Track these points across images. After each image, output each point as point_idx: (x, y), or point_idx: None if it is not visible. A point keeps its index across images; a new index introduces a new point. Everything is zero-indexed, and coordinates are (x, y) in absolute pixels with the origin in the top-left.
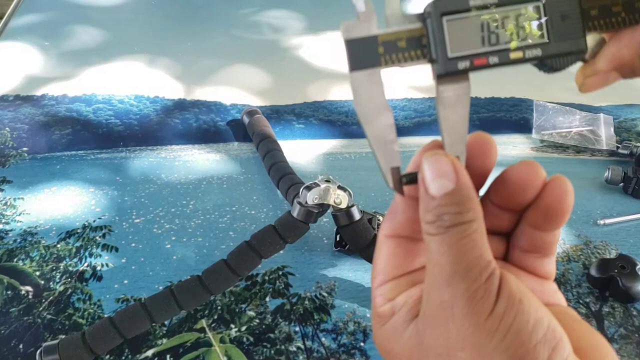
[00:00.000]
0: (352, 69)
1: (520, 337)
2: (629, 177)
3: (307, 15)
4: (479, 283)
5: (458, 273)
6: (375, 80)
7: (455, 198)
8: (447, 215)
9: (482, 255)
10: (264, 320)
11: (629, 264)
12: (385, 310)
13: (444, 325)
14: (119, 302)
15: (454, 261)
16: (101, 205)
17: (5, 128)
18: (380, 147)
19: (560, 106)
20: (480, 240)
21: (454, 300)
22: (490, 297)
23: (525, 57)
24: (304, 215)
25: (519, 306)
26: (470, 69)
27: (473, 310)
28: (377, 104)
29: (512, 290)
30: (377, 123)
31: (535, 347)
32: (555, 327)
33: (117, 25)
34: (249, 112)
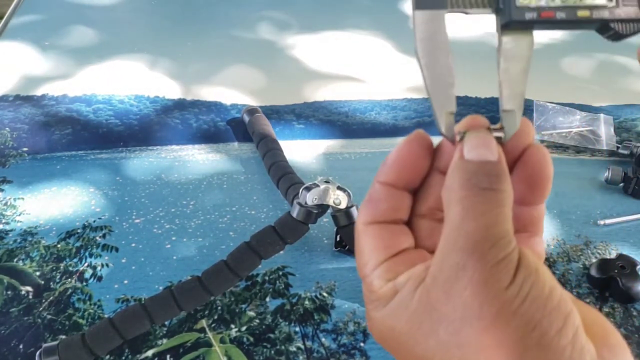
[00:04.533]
0: (417, 7)
1: (536, 304)
2: (629, 177)
3: (308, 16)
4: (505, 253)
5: (488, 241)
6: (439, 23)
7: (495, 168)
8: (485, 176)
9: (509, 230)
10: (264, 320)
11: (629, 264)
12: (386, 290)
13: (459, 291)
14: (119, 302)
15: (486, 228)
16: (101, 205)
17: (5, 128)
18: (436, 90)
19: (560, 106)
20: (510, 215)
21: (477, 267)
22: (512, 267)
23: (593, 17)
24: (303, 215)
25: (536, 275)
26: (537, 22)
27: (495, 277)
28: (438, 45)
29: (530, 260)
30: (437, 65)
31: (550, 313)
32: (567, 299)
33: (117, 25)
34: (249, 111)
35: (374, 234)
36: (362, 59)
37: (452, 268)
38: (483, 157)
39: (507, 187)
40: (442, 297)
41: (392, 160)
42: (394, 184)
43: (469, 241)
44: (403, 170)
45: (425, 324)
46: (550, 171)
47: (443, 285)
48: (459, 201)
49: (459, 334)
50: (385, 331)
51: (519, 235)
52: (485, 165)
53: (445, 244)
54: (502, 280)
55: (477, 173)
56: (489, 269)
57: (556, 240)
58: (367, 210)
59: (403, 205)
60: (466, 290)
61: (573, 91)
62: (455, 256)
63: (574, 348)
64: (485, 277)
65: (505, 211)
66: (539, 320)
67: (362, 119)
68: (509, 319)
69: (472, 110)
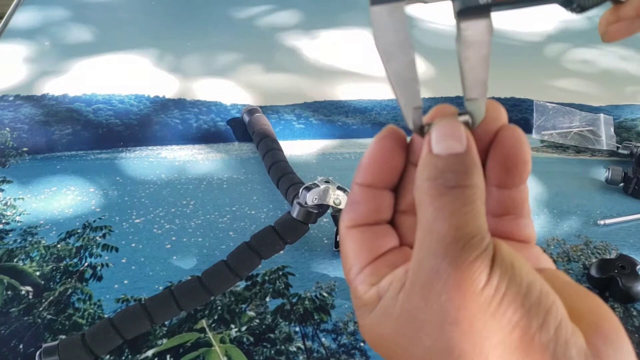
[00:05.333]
0: (373, 3)
1: (514, 304)
2: (629, 177)
3: (308, 15)
4: (477, 253)
5: (458, 242)
6: (398, 16)
7: (463, 160)
8: (452, 174)
9: (482, 226)
10: (264, 320)
11: (629, 264)
12: (371, 295)
13: (435, 296)
14: (119, 302)
15: (456, 229)
16: (101, 205)
17: (5, 128)
18: (400, 86)
19: (560, 106)
20: (482, 209)
21: (450, 270)
22: (486, 267)
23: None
24: (303, 215)
25: (512, 272)
26: (493, 4)
27: (470, 280)
28: (398, 40)
29: (504, 256)
30: (398, 60)
31: (529, 311)
32: (548, 291)
33: (117, 25)
34: (249, 111)
35: (356, 238)
36: (362, 58)
37: (428, 274)
38: (450, 150)
39: (477, 180)
40: (421, 303)
41: (366, 160)
42: (372, 185)
43: (440, 244)
44: (378, 170)
45: (409, 331)
46: (526, 152)
47: (421, 291)
48: (429, 202)
49: (440, 341)
50: (374, 338)
51: (503, 218)
52: (452, 159)
53: (419, 248)
54: (477, 282)
55: (444, 171)
56: (463, 271)
57: (556, 240)
58: (348, 213)
59: (384, 205)
60: (442, 296)
61: (573, 91)
62: (429, 261)
63: (558, 343)
64: (459, 281)
65: (476, 207)
66: (518, 320)
67: (362, 119)
68: (487, 322)
69: None
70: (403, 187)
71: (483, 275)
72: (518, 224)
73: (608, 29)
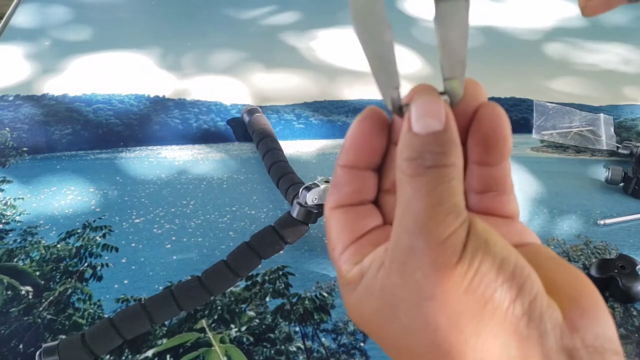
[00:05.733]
0: None
1: (487, 278)
2: (629, 177)
3: (308, 15)
4: (451, 230)
5: (433, 220)
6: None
7: (441, 139)
8: (430, 154)
9: (458, 204)
10: (264, 320)
11: (629, 264)
12: (354, 274)
13: (412, 274)
14: (119, 302)
15: (431, 207)
16: (101, 205)
17: (5, 128)
18: (378, 67)
19: (560, 106)
20: (458, 188)
21: (425, 248)
22: (459, 243)
23: None
24: (303, 215)
25: (485, 247)
26: None
27: (443, 257)
28: (375, 19)
29: (479, 232)
30: (376, 40)
31: (502, 285)
32: (523, 265)
33: (117, 25)
34: (249, 111)
35: (339, 218)
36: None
37: (404, 252)
38: (429, 128)
39: (454, 159)
40: (398, 281)
41: (347, 141)
42: (354, 165)
43: (415, 223)
44: (360, 150)
45: (387, 309)
46: (506, 130)
47: (398, 269)
48: (407, 182)
49: (416, 317)
50: (357, 316)
51: (485, 195)
52: (431, 138)
53: (396, 227)
54: (450, 259)
55: (422, 151)
56: (436, 248)
57: (556, 240)
58: (331, 195)
59: (367, 186)
60: (417, 273)
61: (573, 91)
62: (406, 239)
63: (531, 317)
64: (433, 258)
65: (452, 186)
66: (490, 295)
67: None
68: (460, 297)
69: None
70: (386, 167)
71: (456, 252)
72: (501, 200)
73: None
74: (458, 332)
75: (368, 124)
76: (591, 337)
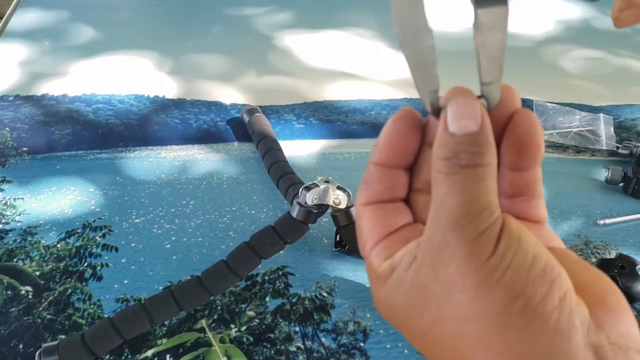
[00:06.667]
0: None
1: (519, 273)
2: (629, 177)
3: (308, 15)
4: (485, 225)
5: (467, 216)
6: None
7: (477, 139)
8: (465, 154)
9: (492, 201)
10: (264, 320)
11: (629, 264)
12: (385, 268)
13: (444, 267)
14: (118, 302)
15: (465, 204)
16: (101, 205)
17: (5, 128)
18: (419, 70)
19: (560, 106)
20: (492, 186)
21: (458, 243)
22: (492, 238)
23: None
24: (303, 215)
25: (518, 244)
26: None
27: (476, 251)
28: (417, 24)
29: (512, 230)
30: (417, 44)
31: (533, 282)
32: (554, 264)
33: (117, 25)
34: (249, 111)
35: (371, 215)
36: (362, 59)
37: (437, 246)
38: (465, 129)
39: (489, 159)
40: (430, 274)
41: (381, 139)
42: (387, 164)
43: (449, 219)
44: (393, 149)
45: (418, 301)
46: (539, 136)
47: (431, 264)
48: (442, 180)
49: (447, 309)
50: (387, 309)
51: (516, 199)
52: (466, 138)
53: (430, 223)
54: (483, 253)
55: (457, 151)
56: (470, 242)
57: None
58: (363, 192)
59: (398, 184)
60: (450, 267)
61: (573, 91)
62: (439, 235)
63: (561, 312)
64: (466, 252)
65: (486, 185)
66: (521, 289)
67: (362, 119)
68: (491, 290)
69: None
70: (418, 167)
71: (489, 247)
72: (530, 204)
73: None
74: (489, 325)
75: (402, 124)
76: (615, 335)
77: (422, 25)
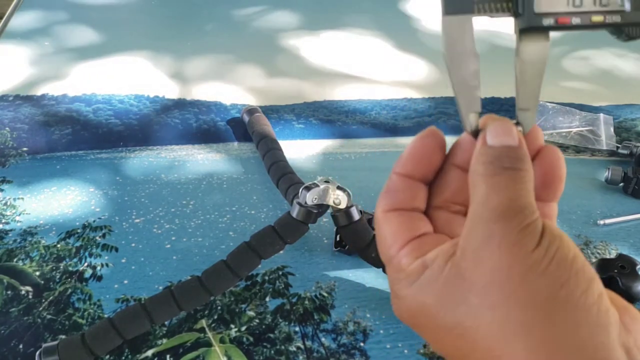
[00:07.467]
0: (445, 13)
1: (562, 265)
2: (629, 177)
3: (308, 15)
4: (529, 220)
5: (512, 210)
6: (466, 27)
7: (515, 151)
8: (507, 158)
9: (532, 203)
10: (264, 320)
11: (629, 264)
12: (416, 266)
13: (488, 257)
14: (118, 302)
15: (510, 200)
16: (101, 205)
17: (5, 128)
18: (463, 92)
19: (560, 106)
20: (531, 191)
21: (504, 233)
22: (537, 232)
23: (606, 21)
24: (303, 215)
25: (560, 241)
26: (554, 28)
27: (522, 242)
28: (465, 49)
29: (553, 228)
30: (464, 68)
31: (576, 274)
32: (590, 266)
33: (116, 25)
34: (249, 111)
35: (395, 220)
36: (362, 59)
37: (481, 238)
38: (505, 143)
39: (528, 166)
40: (470, 265)
41: (408, 153)
42: (410, 175)
43: (494, 212)
44: (418, 163)
45: (456, 292)
46: (563, 171)
47: (472, 255)
48: (484, 181)
49: (489, 296)
50: (415, 306)
51: None
52: (506, 148)
53: (472, 219)
54: (529, 244)
55: (499, 156)
56: (516, 234)
57: None
58: (386, 199)
59: (419, 195)
60: (494, 255)
61: (573, 91)
62: (483, 227)
63: (600, 309)
64: (512, 242)
65: (527, 187)
66: (565, 280)
67: (362, 119)
68: (537, 278)
69: None
70: (439, 185)
71: (534, 239)
72: None
73: None
74: (533, 310)
75: (429, 141)
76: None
77: (470, 51)
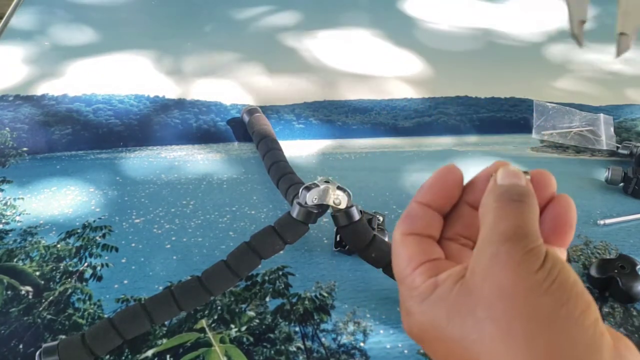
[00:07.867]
0: None
1: (563, 287)
2: (629, 177)
3: (308, 15)
4: (534, 245)
5: (518, 235)
6: None
7: (523, 189)
8: (515, 193)
9: (537, 231)
10: (264, 320)
11: (629, 264)
12: (428, 285)
13: (496, 274)
14: (118, 302)
15: (516, 226)
16: (101, 205)
17: (5, 128)
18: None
19: (560, 106)
20: (536, 221)
21: (510, 254)
22: (540, 255)
23: None
24: (303, 215)
25: (562, 265)
26: None
27: (526, 262)
28: None
29: (556, 255)
30: None
31: (575, 297)
32: (588, 293)
33: (116, 25)
34: (249, 111)
35: (412, 243)
36: (362, 59)
37: (488, 257)
38: (513, 182)
39: (534, 201)
40: (479, 282)
41: (428, 184)
42: (429, 205)
43: (502, 236)
44: (437, 194)
45: (463, 307)
46: (574, 219)
47: (481, 273)
48: (493, 210)
49: (493, 310)
50: (425, 321)
51: None
52: (515, 187)
53: (481, 242)
54: (533, 265)
55: (508, 190)
56: (521, 255)
57: None
58: (405, 224)
59: (435, 224)
60: (500, 273)
61: (573, 91)
62: (492, 247)
63: (596, 331)
64: (517, 261)
65: (532, 217)
66: (566, 300)
67: (362, 119)
68: (539, 296)
69: (471, 110)
70: (453, 219)
71: (538, 261)
72: None
73: None
74: (536, 323)
75: (448, 176)
76: None
77: None
